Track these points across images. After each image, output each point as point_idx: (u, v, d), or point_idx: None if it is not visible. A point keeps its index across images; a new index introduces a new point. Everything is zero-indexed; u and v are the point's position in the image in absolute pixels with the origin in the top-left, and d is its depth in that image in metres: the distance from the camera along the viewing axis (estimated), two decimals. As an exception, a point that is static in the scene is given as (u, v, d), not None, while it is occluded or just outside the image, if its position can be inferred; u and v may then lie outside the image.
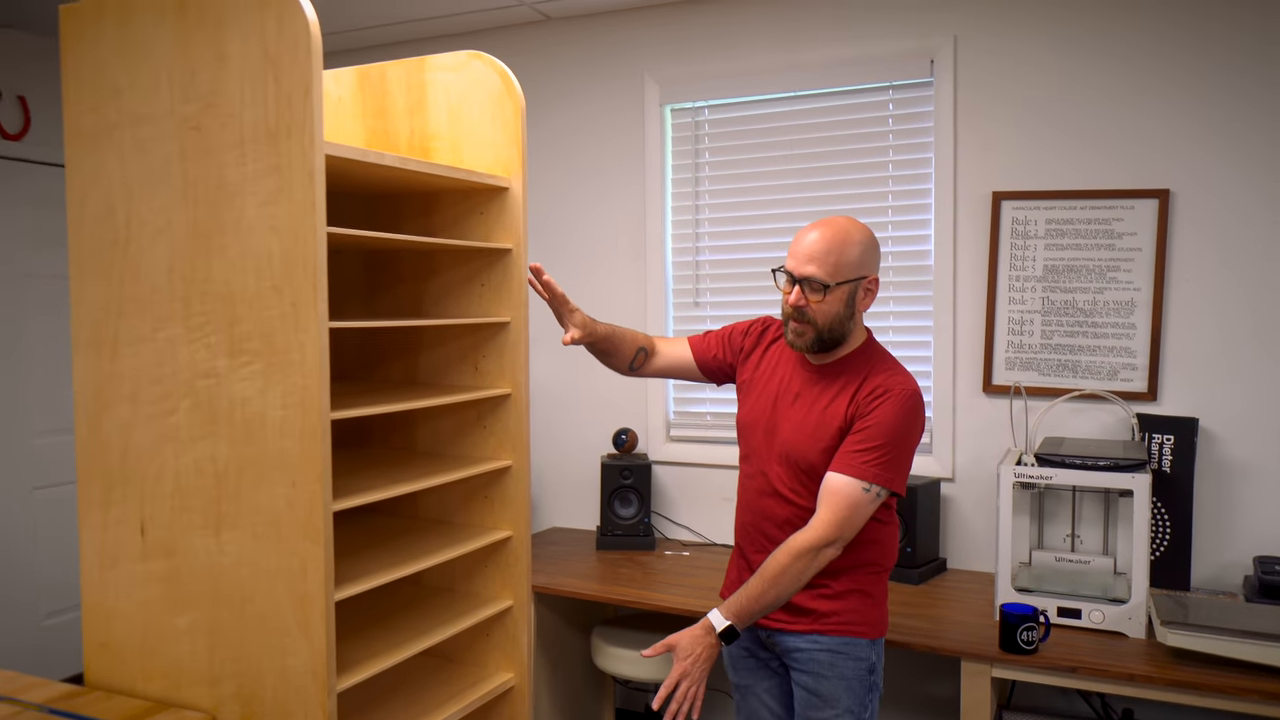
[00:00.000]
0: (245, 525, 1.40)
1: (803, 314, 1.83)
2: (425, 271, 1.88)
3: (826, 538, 1.78)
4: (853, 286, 1.83)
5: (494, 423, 1.81)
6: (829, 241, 1.81)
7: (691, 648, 1.75)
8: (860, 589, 1.90)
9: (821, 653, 1.88)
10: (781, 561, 1.77)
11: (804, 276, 1.81)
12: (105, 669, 1.55)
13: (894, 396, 1.81)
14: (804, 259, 1.82)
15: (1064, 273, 2.79)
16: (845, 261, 1.81)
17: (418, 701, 1.68)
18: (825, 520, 1.78)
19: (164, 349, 1.45)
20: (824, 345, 1.87)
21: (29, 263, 3.42)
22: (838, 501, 1.78)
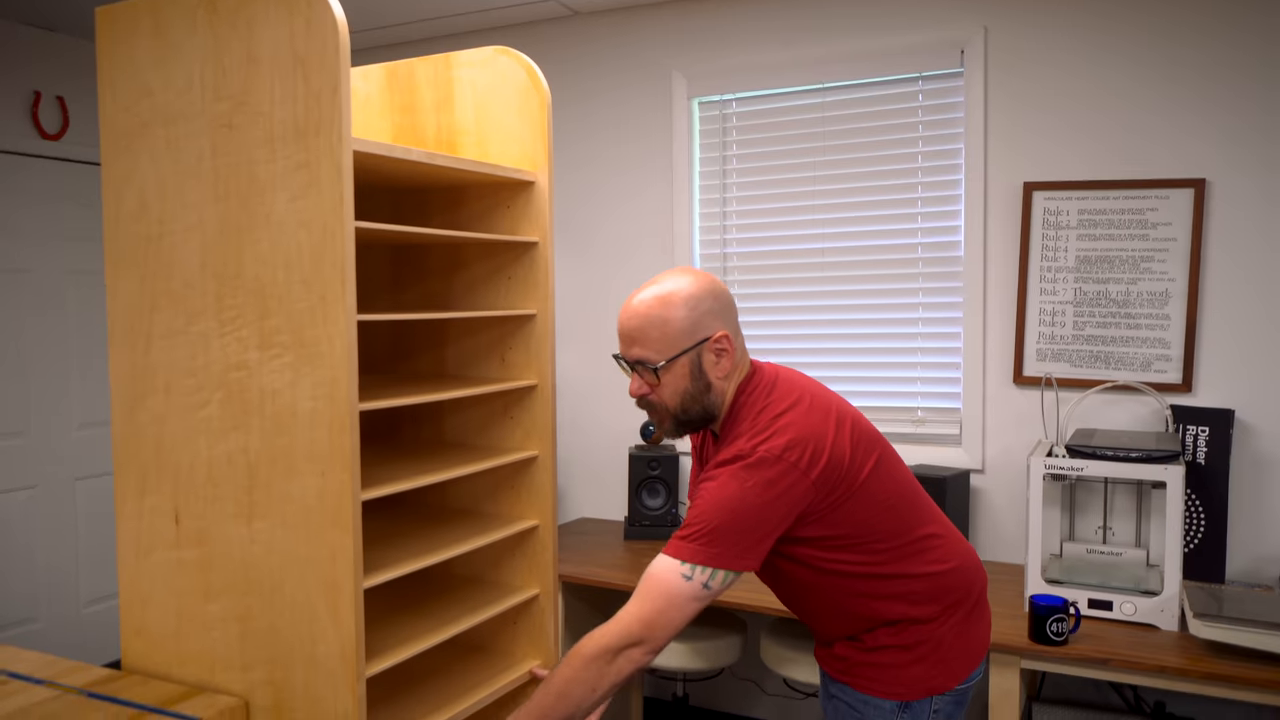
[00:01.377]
0: (276, 514, 1.43)
1: (649, 403, 1.59)
2: (452, 265, 1.90)
3: (628, 634, 1.44)
4: (692, 356, 1.54)
5: (521, 414, 1.83)
6: (648, 313, 1.54)
7: None
8: (901, 644, 1.61)
9: (842, 704, 1.67)
10: (573, 670, 1.44)
11: (633, 361, 1.57)
12: (141, 654, 1.59)
13: (735, 465, 1.48)
14: (629, 340, 1.57)
15: (1097, 263, 2.75)
16: (672, 332, 1.53)
17: (446, 688, 1.71)
18: (628, 614, 1.45)
19: (196, 342, 1.48)
20: (690, 426, 1.61)
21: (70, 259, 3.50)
22: (645, 587, 1.46)
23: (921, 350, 3.02)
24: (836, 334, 3.13)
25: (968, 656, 1.64)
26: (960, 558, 1.64)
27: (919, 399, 3.04)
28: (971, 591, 1.65)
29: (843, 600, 1.61)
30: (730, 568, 1.46)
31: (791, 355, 3.20)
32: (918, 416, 3.05)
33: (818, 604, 1.64)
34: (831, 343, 3.14)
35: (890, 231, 3.03)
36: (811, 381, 1.62)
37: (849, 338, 3.11)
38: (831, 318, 3.13)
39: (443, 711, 1.62)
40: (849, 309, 3.11)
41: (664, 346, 1.54)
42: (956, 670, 1.62)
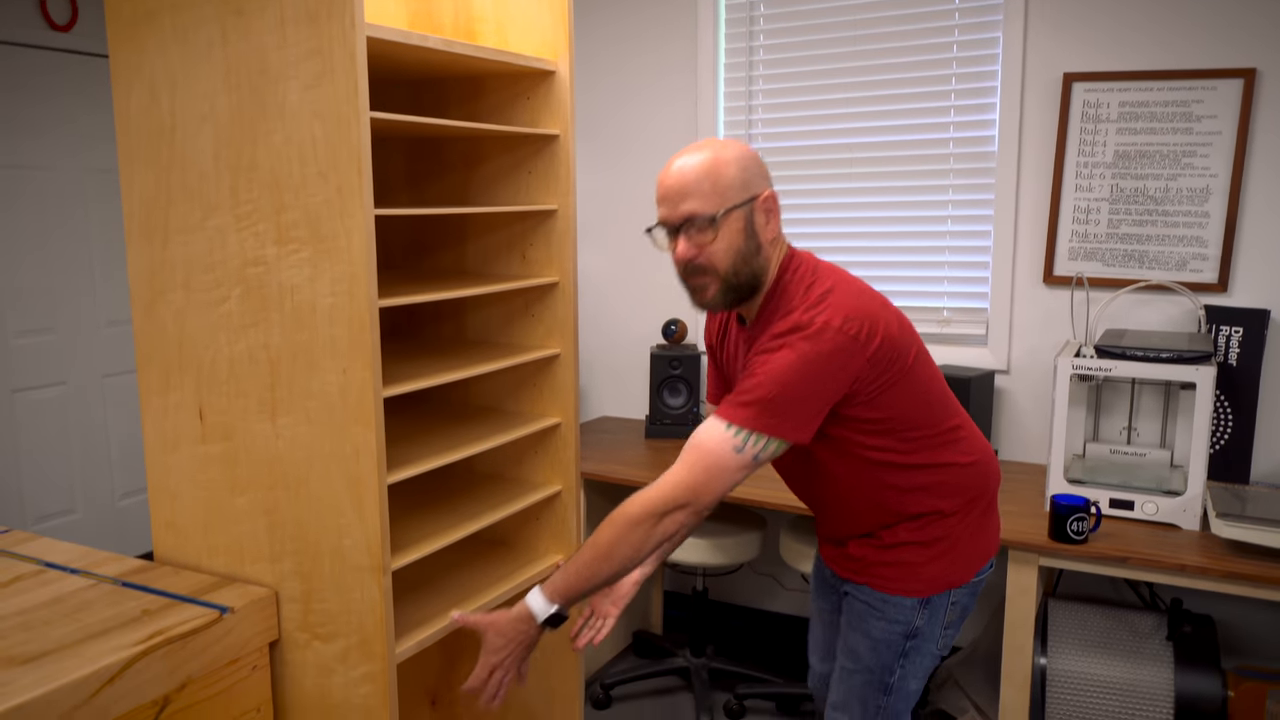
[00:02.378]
0: (299, 410, 1.43)
1: (697, 266, 1.49)
2: (471, 160, 1.85)
3: (672, 499, 1.43)
4: (745, 211, 1.48)
5: (542, 311, 1.81)
6: (699, 167, 1.47)
7: (505, 641, 1.48)
8: (920, 540, 1.63)
9: (859, 604, 1.69)
10: (618, 531, 1.45)
11: (684, 218, 1.47)
12: (172, 546, 1.62)
13: (794, 336, 1.44)
14: (677, 197, 1.47)
15: (1135, 159, 2.66)
16: (725, 184, 1.47)
17: (470, 581, 1.74)
18: (674, 477, 1.44)
19: (213, 237, 1.46)
20: (738, 294, 1.53)
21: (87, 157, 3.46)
22: (693, 454, 1.44)
23: (950, 249, 2.96)
24: (863, 232, 3.07)
25: (982, 551, 1.66)
26: (981, 452, 1.65)
27: (946, 299, 2.99)
28: (989, 487, 1.67)
29: (871, 491, 1.61)
30: (784, 437, 1.44)
31: (820, 253, 3.15)
32: (944, 316, 3.00)
33: (844, 495, 1.64)
34: (858, 240, 3.08)
35: (922, 126, 2.93)
36: (838, 268, 1.59)
37: (876, 235, 3.05)
38: (859, 215, 3.07)
39: (466, 604, 1.65)
40: (877, 206, 3.03)
41: (718, 199, 1.47)
42: (973, 564, 1.65)
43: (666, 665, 3.05)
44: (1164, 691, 2.33)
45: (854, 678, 1.71)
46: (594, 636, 1.69)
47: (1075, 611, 2.51)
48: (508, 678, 1.49)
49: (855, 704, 1.72)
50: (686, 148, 1.53)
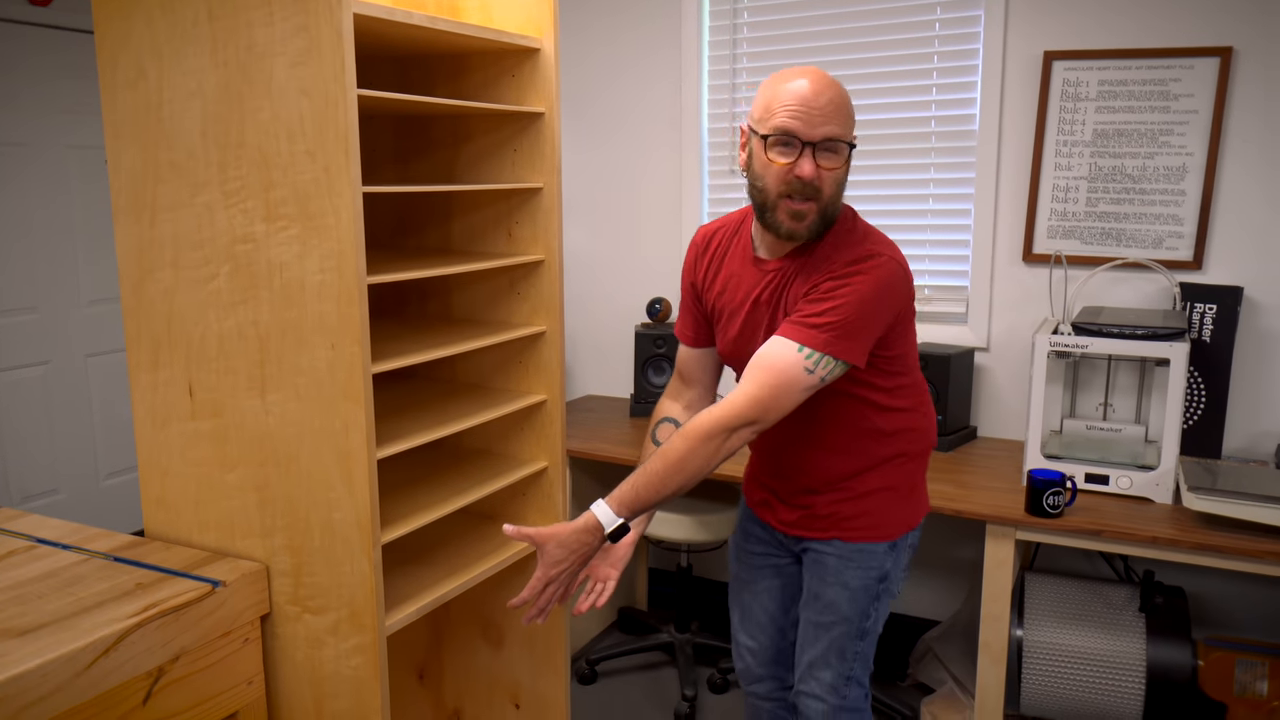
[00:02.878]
0: (288, 386, 1.44)
1: (813, 189, 1.51)
2: (457, 137, 1.86)
3: (743, 416, 1.48)
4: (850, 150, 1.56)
5: (528, 289, 1.82)
6: (841, 95, 1.51)
7: (566, 553, 1.48)
8: (888, 485, 1.73)
9: (831, 559, 1.75)
10: (689, 445, 1.49)
11: (823, 139, 1.49)
12: (163, 522, 1.63)
13: (875, 264, 1.52)
14: (819, 118, 1.48)
15: (1114, 137, 2.69)
16: (852, 115, 1.53)
17: (458, 555, 1.76)
18: (745, 395, 1.48)
19: (202, 214, 1.47)
20: (827, 225, 1.58)
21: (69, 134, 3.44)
22: (764, 374, 1.48)
23: (931, 227, 2.99)
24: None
25: (925, 494, 1.81)
26: (930, 410, 1.79)
27: (927, 276, 3.03)
28: (934, 432, 1.80)
29: (854, 434, 1.69)
30: (851, 360, 1.51)
31: (799, 232, 3.17)
32: (925, 294, 3.04)
33: (827, 440, 1.70)
34: (840, 220, 3.10)
35: (904, 104, 2.95)
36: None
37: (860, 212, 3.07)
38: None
39: (455, 578, 1.67)
40: (859, 185, 3.06)
41: (850, 128, 1.52)
42: (922, 505, 1.79)
43: (651, 641, 3.09)
44: (1136, 661, 2.39)
45: (832, 630, 1.77)
46: (595, 600, 1.72)
47: (1051, 584, 2.56)
48: (560, 591, 1.50)
49: (834, 656, 1.78)
50: (803, 71, 1.53)
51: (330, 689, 1.51)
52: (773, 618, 1.94)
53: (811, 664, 1.81)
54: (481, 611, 1.99)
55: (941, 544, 3.09)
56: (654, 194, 3.37)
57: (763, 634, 1.96)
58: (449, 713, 2.07)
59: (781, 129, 1.50)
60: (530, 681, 1.95)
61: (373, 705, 1.47)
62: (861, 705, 1.84)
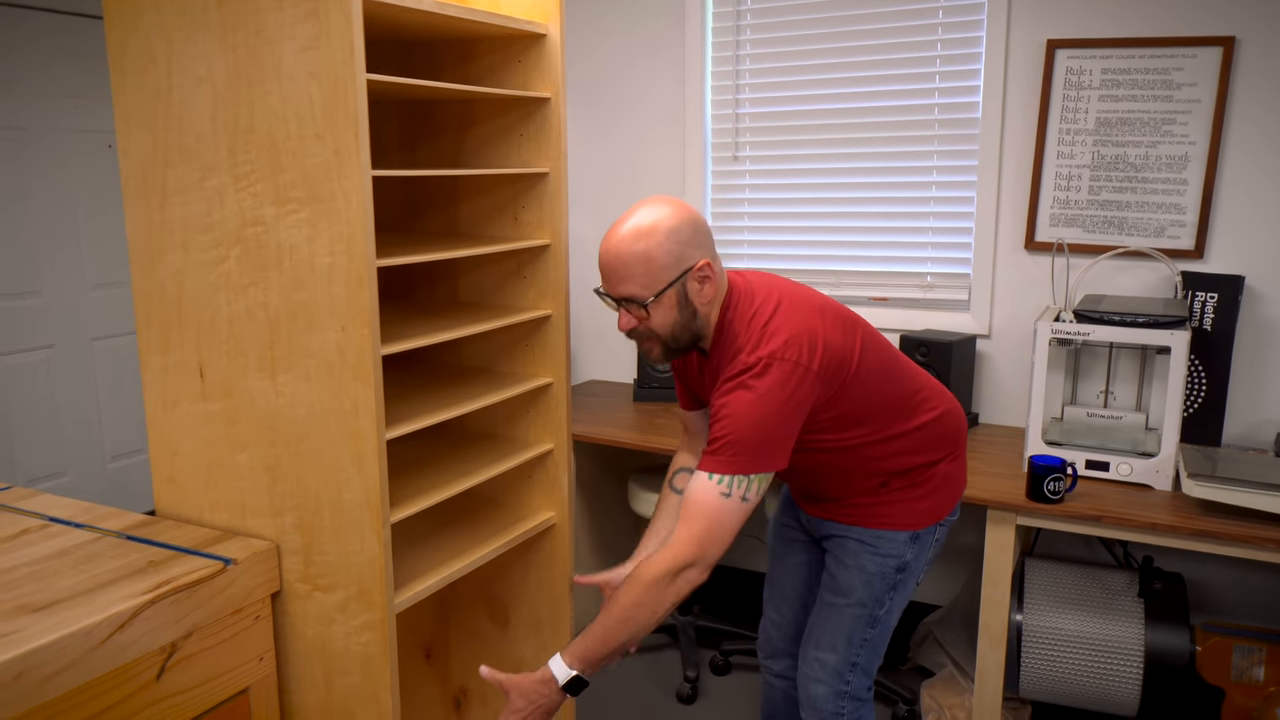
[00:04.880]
0: (298, 368, 1.46)
1: (640, 333, 1.63)
2: (464, 122, 1.87)
3: (684, 557, 1.52)
4: (678, 287, 1.58)
5: (534, 273, 1.84)
6: (631, 250, 1.55)
7: (526, 702, 1.54)
8: (909, 485, 1.78)
9: (852, 542, 1.81)
10: (635, 594, 1.53)
11: (621, 298, 1.59)
12: (174, 502, 1.66)
13: (744, 377, 1.56)
14: (615, 278, 1.58)
15: (1117, 126, 2.70)
16: (657, 267, 1.55)
17: (465, 536, 1.79)
18: (681, 538, 1.53)
19: (212, 198, 1.48)
20: (681, 352, 1.67)
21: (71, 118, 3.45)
22: (691, 510, 1.54)
23: (934, 215, 3.00)
24: (848, 198, 3.10)
25: (959, 488, 1.84)
26: (946, 402, 1.79)
27: (929, 264, 3.04)
28: (961, 431, 1.83)
29: (858, 468, 1.74)
30: (761, 471, 1.54)
31: (802, 220, 3.18)
32: (927, 281, 3.05)
33: (834, 478, 1.77)
34: (843, 206, 3.12)
35: (907, 92, 2.96)
36: (779, 279, 1.71)
37: (861, 201, 3.09)
38: (844, 181, 3.10)
39: (462, 558, 1.69)
40: (862, 172, 3.07)
41: (650, 282, 1.56)
42: (953, 498, 1.82)
43: (653, 623, 3.11)
44: (1135, 646, 2.42)
45: (844, 613, 1.80)
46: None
47: (1051, 570, 2.58)
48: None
49: (841, 640, 1.81)
50: (623, 218, 1.59)
51: (340, 665, 1.53)
52: (798, 593, 2.02)
53: (818, 644, 1.84)
54: (487, 592, 2.01)
55: (942, 530, 3.11)
56: (658, 184, 3.38)
57: (788, 607, 2.04)
58: (455, 691, 2.10)
59: (599, 288, 1.66)
60: (535, 660, 1.98)
61: (382, 681, 1.50)
62: (864, 695, 1.86)
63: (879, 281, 3.12)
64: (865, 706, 1.86)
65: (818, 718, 1.84)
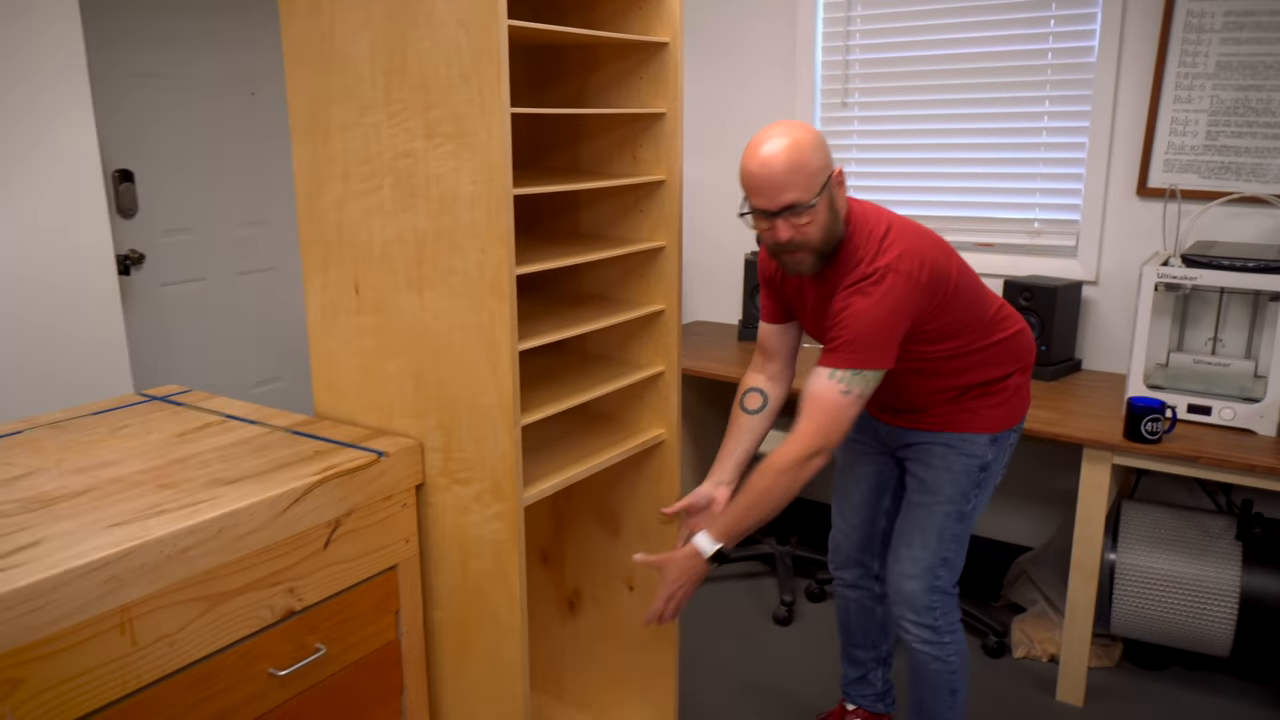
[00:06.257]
0: (442, 285, 1.65)
1: (795, 244, 1.73)
2: (587, 66, 2.02)
3: (809, 447, 1.72)
4: (828, 192, 1.71)
5: (650, 207, 1.98)
6: (788, 159, 1.66)
7: (681, 575, 1.79)
8: (989, 393, 1.94)
9: (936, 446, 1.96)
10: (769, 480, 1.73)
11: (784, 206, 1.69)
12: (331, 404, 1.88)
13: (864, 284, 1.71)
14: (774, 189, 1.68)
15: (1238, 69, 2.66)
16: (813, 170, 1.68)
17: (585, 446, 1.96)
18: (804, 429, 1.72)
19: (369, 133, 1.67)
20: (826, 260, 1.79)
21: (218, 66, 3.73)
22: (813, 405, 1.72)
23: (1044, 161, 3.01)
24: (957, 143, 3.13)
25: (1026, 400, 2.01)
26: (1020, 322, 1.97)
27: (1037, 210, 3.06)
28: (1031, 349, 2.00)
29: (943, 380, 1.91)
30: (874, 368, 1.72)
31: (910, 165, 3.23)
32: (1034, 228, 3.07)
33: (921, 390, 1.93)
34: (951, 153, 3.15)
35: (1021, 37, 2.97)
36: (881, 207, 1.85)
37: (969, 148, 3.12)
38: (953, 127, 3.13)
39: (581, 464, 1.87)
40: (972, 119, 3.09)
41: (809, 185, 1.69)
42: (1022, 410, 2.00)
43: (753, 551, 3.27)
44: (1230, 588, 2.45)
45: (934, 510, 1.97)
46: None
47: (1148, 513, 2.62)
48: (677, 605, 1.81)
49: (933, 536, 1.96)
50: (765, 136, 1.70)
51: (475, 550, 1.74)
52: (866, 502, 2.18)
53: (909, 543, 1.99)
54: (600, 503, 2.19)
55: (1039, 472, 3.16)
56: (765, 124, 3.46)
57: (855, 516, 2.20)
58: (569, 592, 2.30)
59: (754, 208, 1.74)
60: (643, 568, 2.16)
61: (511, 565, 1.69)
62: (952, 591, 2.01)
63: (985, 228, 3.15)
64: (952, 601, 2.01)
65: (912, 612, 1.98)
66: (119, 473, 1.56)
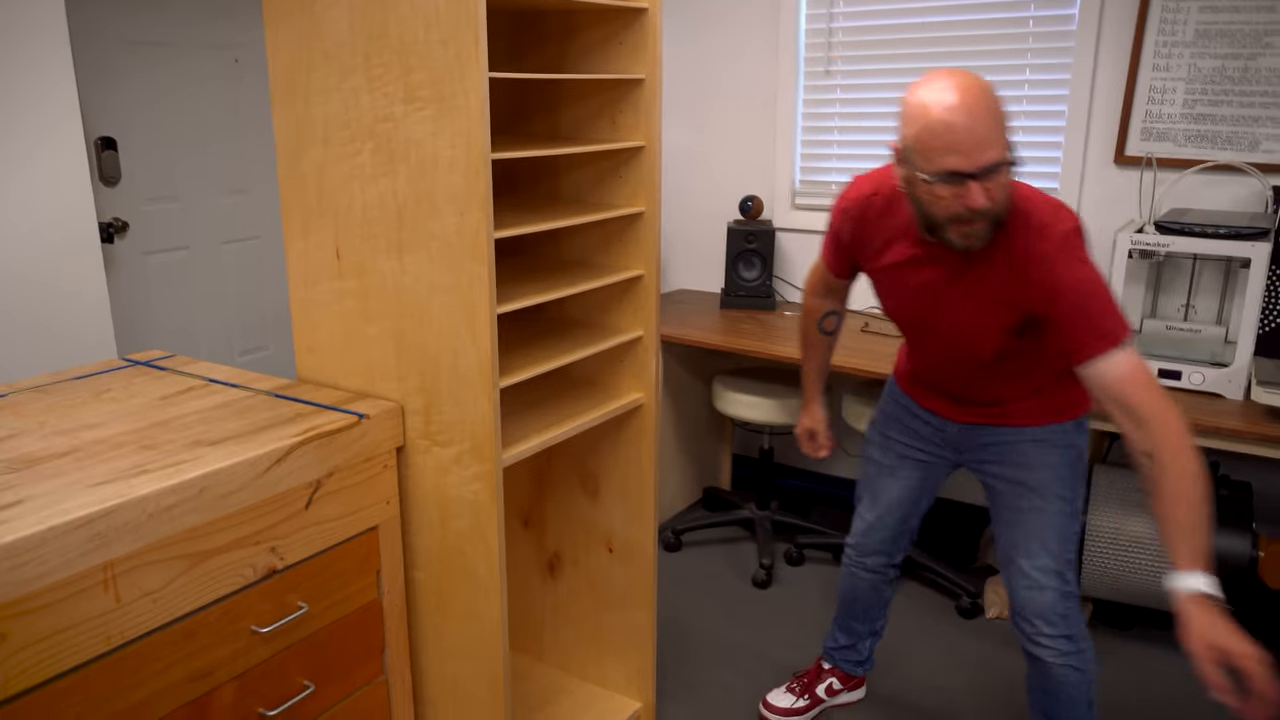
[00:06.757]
0: (422, 249, 1.66)
1: (983, 211, 1.50)
2: (567, 31, 2.02)
3: (1182, 423, 1.47)
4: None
5: (629, 173, 2.00)
6: (989, 111, 1.44)
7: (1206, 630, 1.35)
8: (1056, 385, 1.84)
9: (1023, 443, 1.83)
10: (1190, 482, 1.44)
11: (986, 166, 1.46)
12: (313, 368, 1.90)
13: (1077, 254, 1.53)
14: (978, 146, 1.44)
15: (1216, 38, 2.68)
16: (1006, 119, 1.48)
17: (564, 409, 1.99)
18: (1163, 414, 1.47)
19: (349, 97, 1.68)
20: (999, 225, 1.58)
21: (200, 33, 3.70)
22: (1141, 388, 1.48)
23: (1023, 129, 3.03)
24: (938, 111, 3.15)
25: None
26: None
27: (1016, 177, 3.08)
28: None
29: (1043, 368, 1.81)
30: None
31: (891, 133, 3.24)
32: (1013, 196, 3.10)
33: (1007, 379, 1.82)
34: (932, 120, 3.16)
35: (1002, 4, 2.98)
36: None
37: (950, 115, 3.13)
38: (934, 95, 3.14)
39: (560, 426, 1.90)
40: (952, 86, 3.10)
41: (1007, 138, 1.49)
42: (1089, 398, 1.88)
43: (733, 516, 3.32)
44: (1196, 546, 2.51)
45: (1047, 512, 1.83)
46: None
47: (1119, 475, 2.68)
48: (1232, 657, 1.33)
49: (1054, 541, 1.83)
50: (950, 84, 1.46)
51: (454, 510, 1.77)
52: (903, 502, 2.10)
53: (1030, 554, 1.83)
54: (580, 465, 2.23)
55: (1016, 438, 3.21)
56: (748, 94, 3.47)
57: (890, 515, 2.13)
58: (550, 555, 2.34)
59: (945, 170, 1.48)
60: (623, 529, 2.19)
61: (490, 525, 1.72)
62: (1077, 593, 1.87)
63: (965, 195, 3.17)
64: (1079, 604, 1.87)
65: (1047, 625, 1.83)
66: (102, 434, 1.58)
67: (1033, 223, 1.58)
